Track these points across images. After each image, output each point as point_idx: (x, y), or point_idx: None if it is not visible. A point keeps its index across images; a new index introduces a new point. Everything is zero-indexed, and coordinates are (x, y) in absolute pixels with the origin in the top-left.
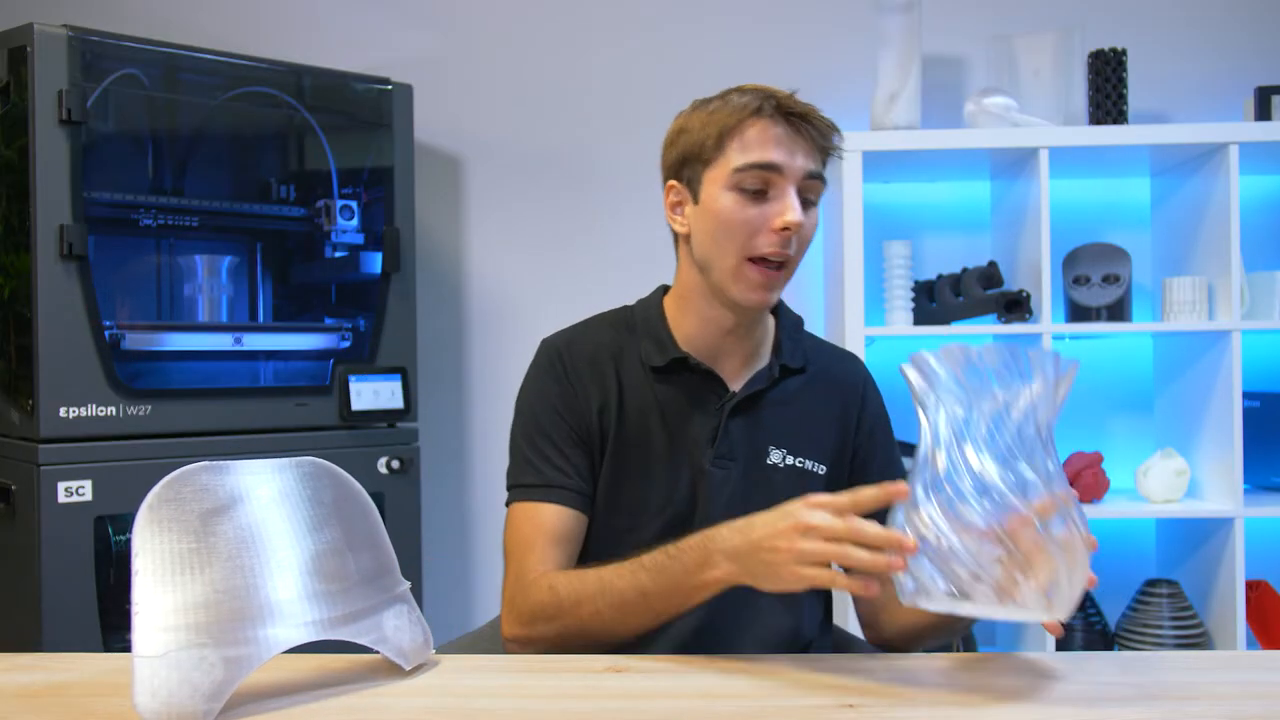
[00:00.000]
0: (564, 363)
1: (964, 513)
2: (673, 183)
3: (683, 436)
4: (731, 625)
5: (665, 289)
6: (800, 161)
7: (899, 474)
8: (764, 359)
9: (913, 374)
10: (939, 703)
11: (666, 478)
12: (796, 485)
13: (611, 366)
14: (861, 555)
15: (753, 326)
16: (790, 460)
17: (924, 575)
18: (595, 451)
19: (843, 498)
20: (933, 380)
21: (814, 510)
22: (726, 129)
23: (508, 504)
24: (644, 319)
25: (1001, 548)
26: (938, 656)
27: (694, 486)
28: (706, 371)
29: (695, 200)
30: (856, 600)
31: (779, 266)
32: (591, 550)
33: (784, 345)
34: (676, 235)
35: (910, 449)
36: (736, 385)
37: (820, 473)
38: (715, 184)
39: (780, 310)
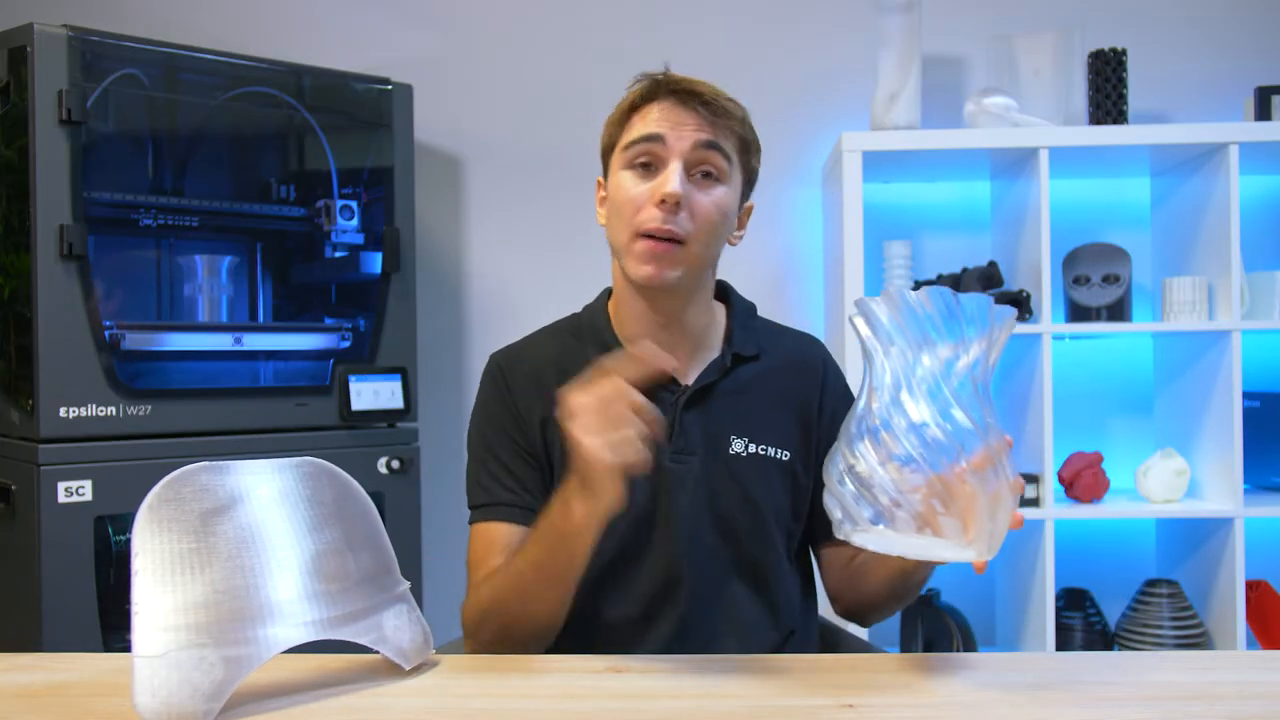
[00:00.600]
0: (505, 379)
1: (890, 446)
2: (599, 179)
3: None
4: (709, 620)
5: (609, 292)
6: (687, 132)
7: None
8: (714, 349)
9: (859, 321)
10: (939, 703)
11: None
12: (761, 473)
13: (554, 377)
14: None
15: (688, 315)
16: (753, 448)
17: (849, 503)
18: (544, 464)
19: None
20: (875, 325)
21: (576, 403)
22: (621, 114)
23: (470, 525)
24: (589, 324)
25: (923, 480)
26: (938, 656)
27: (655, 485)
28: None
29: (608, 190)
30: (825, 578)
31: (669, 239)
32: None
33: (735, 334)
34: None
35: None
36: (689, 379)
37: (784, 459)
38: (615, 169)
39: (731, 298)
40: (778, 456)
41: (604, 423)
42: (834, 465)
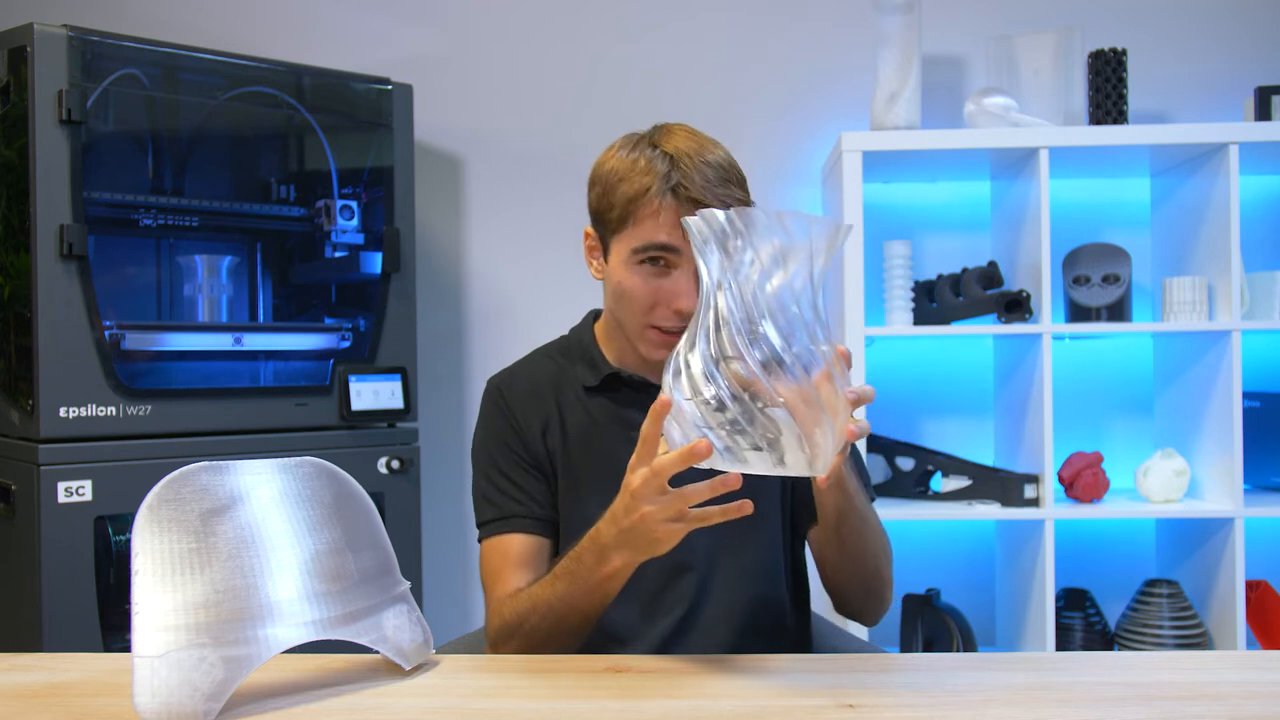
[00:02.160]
0: (505, 398)
1: (695, 380)
2: (589, 230)
3: (630, 446)
4: (709, 619)
5: (596, 314)
6: None
7: (857, 467)
8: None
9: (692, 223)
10: (939, 703)
11: (618, 488)
12: (756, 482)
13: (551, 393)
14: (697, 511)
15: None
16: None
17: (670, 433)
18: (548, 475)
19: (655, 464)
20: (695, 245)
21: (641, 488)
22: (627, 204)
23: (480, 542)
24: (577, 345)
25: (726, 415)
26: (938, 656)
27: None
28: (641, 382)
29: (605, 258)
30: (819, 570)
31: (680, 329)
32: None
33: None
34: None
35: (910, 448)
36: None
37: None
38: (618, 256)
39: None
40: None
41: (671, 502)
42: (668, 377)
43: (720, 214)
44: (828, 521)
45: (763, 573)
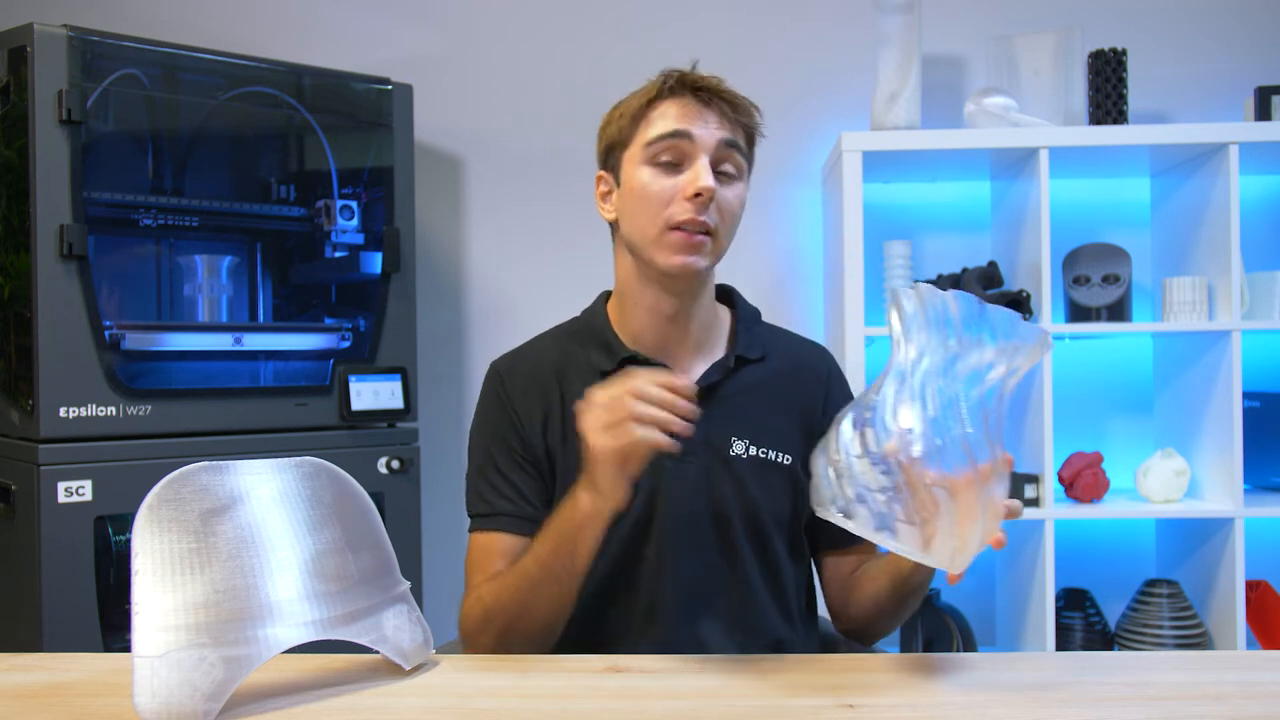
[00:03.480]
0: (504, 386)
1: (870, 442)
2: (601, 173)
3: None
4: (709, 621)
5: (607, 295)
6: (713, 130)
7: None
8: (719, 351)
9: (891, 311)
10: (939, 703)
11: None
12: (762, 476)
13: (555, 381)
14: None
15: (695, 311)
16: (754, 451)
17: (820, 485)
18: (544, 470)
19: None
20: (902, 316)
21: (588, 401)
22: (638, 110)
23: (468, 533)
24: (589, 326)
25: (891, 481)
26: (938, 656)
27: (653, 488)
28: (658, 366)
29: (619, 184)
30: (826, 589)
31: (702, 232)
32: None
33: (740, 337)
34: (611, 228)
35: None
36: (691, 379)
37: (786, 463)
38: (632, 163)
39: (736, 302)
40: (779, 460)
41: (610, 415)
42: (822, 447)
43: (939, 294)
44: (897, 588)
45: (765, 577)
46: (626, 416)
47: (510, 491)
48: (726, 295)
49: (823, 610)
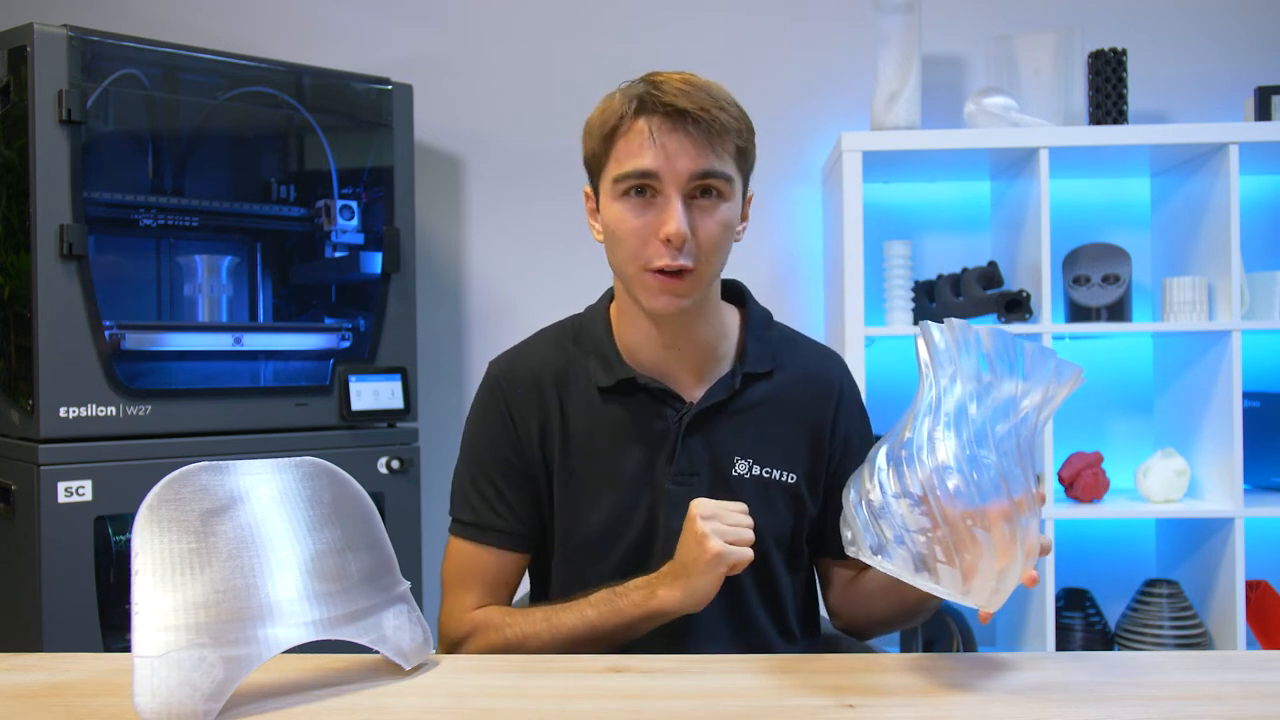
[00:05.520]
0: (503, 391)
1: (908, 481)
2: (586, 189)
3: (638, 456)
4: (707, 642)
5: (612, 293)
6: (684, 164)
7: None
8: (724, 365)
9: (919, 343)
10: (939, 703)
11: (625, 500)
12: (763, 496)
13: (554, 389)
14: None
15: (694, 332)
16: (756, 471)
17: (857, 526)
18: (541, 483)
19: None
20: (931, 349)
21: (702, 507)
22: (608, 134)
23: (449, 531)
24: (590, 332)
25: (930, 520)
26: (938, 656)
27: (654, 507)
28: (660, 390)
29: (599, 208)
30: (824, 590)
31: (679, 274)
32: (556, 577)
33: (749, 348)
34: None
35: None
36: (694, 396)
37: (790, 482)
38: (606, 194)
39: (748, 304)
40: (782, 479)
41: (730, 529)
42: (854, 484)
43: (971, 328)
44: (909, 619)
45: (764, 598)
46: (742, 528)
47: (502, 507)
48: (737, 293)
49: (822, 611)
